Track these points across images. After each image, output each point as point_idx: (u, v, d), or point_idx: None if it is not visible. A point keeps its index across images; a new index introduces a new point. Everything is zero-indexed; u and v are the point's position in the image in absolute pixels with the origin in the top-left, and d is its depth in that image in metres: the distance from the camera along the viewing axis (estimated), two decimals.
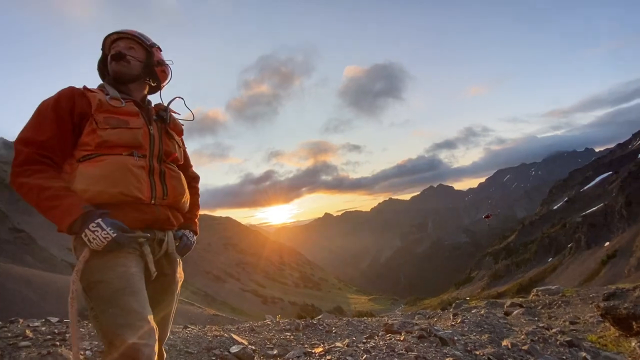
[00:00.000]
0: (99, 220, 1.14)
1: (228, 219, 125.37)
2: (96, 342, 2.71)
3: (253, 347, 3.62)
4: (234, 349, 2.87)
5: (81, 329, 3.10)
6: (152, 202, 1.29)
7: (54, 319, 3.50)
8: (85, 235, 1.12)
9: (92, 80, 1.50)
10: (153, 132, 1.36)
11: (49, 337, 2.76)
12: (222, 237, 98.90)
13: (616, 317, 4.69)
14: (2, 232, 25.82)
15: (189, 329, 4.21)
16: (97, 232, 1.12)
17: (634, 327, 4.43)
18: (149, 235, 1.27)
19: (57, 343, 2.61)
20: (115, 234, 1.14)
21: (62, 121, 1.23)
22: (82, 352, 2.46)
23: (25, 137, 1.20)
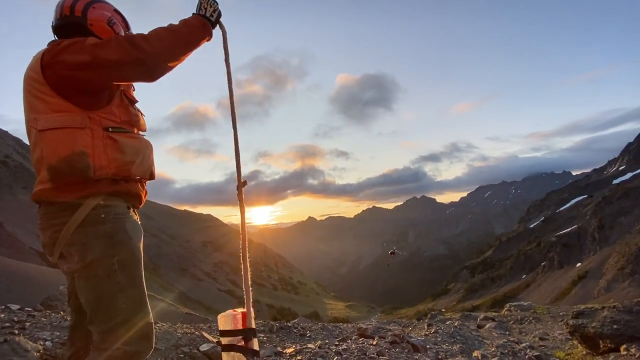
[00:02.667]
0: None
1: (209, 216, 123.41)
2: (57, 333, 2.58)
3: None
4: (204, 347, 2.78)
5: (42, 319, 2.96)
6: None
7: (14, 307, 3.34)
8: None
9: None
10: None
11: (8, 324, 2.62)
12: (203, 234, 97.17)
13: (584, 336, 4.83)
14: None
15: (158, 325, 4.09)
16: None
17: (601, 346, 4.57)
18: None
19: (16, 331, 2.49)
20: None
21: None
22: (41, 343, 2.34)
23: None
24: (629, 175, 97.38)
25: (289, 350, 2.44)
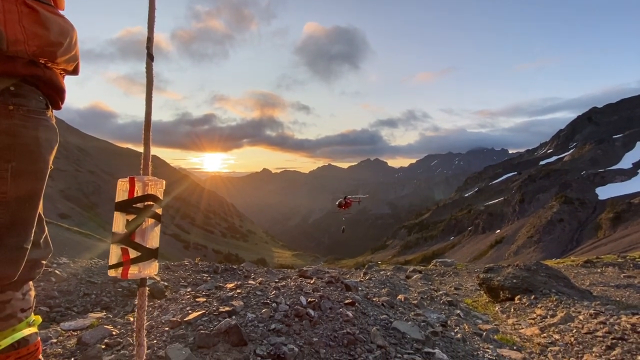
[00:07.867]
0: None
1: (155, 157, 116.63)
2: None
3: (165, 283, 3.57)
4: None
5: None
6: None
7: None
8: None
9: None
10: None
11: None
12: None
13: (489, 287, 5.73)
14: None
15: (94, 260, 3.96)
16: None
17: (501, 295, 5.48)
18: None
19: None
20: None
21: None
22: None
23: None
24: (553, 158, 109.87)
25: (229, 286, 2.55)
